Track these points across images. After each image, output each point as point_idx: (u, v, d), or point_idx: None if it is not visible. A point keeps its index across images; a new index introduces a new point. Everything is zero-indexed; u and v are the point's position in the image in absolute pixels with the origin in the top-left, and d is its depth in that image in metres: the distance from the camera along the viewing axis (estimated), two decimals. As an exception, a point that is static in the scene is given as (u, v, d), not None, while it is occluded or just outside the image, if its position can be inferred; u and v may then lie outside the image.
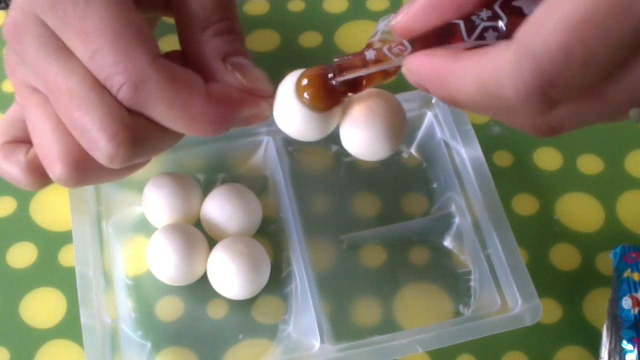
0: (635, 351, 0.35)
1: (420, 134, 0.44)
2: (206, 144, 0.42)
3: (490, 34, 0.25)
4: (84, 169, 0.29)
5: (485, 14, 0.25)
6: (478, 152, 0.40)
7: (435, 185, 0.43)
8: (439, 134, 0.42)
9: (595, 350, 0.38)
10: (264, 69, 0.49)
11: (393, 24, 0.27)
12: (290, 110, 0.30)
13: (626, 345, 0.36)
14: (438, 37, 0.26)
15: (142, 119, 0.28)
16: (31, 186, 0.32)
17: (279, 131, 0.41)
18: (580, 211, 0.43)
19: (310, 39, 0.50)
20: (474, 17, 0.25)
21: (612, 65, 0.22)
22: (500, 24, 0.25)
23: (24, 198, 0.42)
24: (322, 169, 0.44)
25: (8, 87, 0.47)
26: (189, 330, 0.38)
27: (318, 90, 0.29)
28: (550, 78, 0.22)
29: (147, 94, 0.27)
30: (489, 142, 0.45)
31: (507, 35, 0.24)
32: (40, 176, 0.31)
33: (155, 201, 0.39)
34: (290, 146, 0.43)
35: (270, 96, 0.31)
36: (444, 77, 0.25)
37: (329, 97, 0.29)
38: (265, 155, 0.42)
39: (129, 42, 0.27)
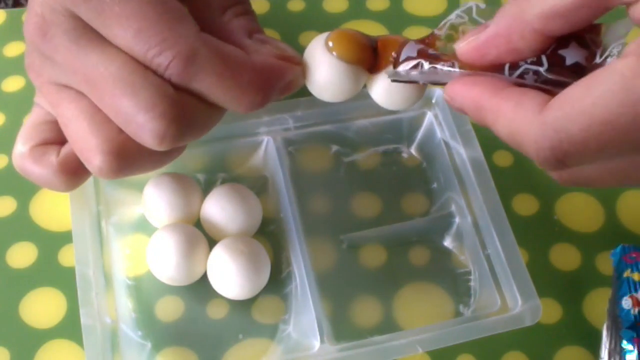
0: (635, 351, 0.35)
1: (420, 134, 0.44)
2: (206, 144, 0.42)
3: (530, 76, 0.27)
4: (125, 157, 0.29)
5: (530, 59, 0.27)
6: (478, 152, 0.40)
7: (435, 185, 0.43)
8: (439, 134, 0.42)
9: (595, 350, 0.38)
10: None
11: (455, 47, 0.28)
12: (322, 67, 0.31)
13: (626, 345, 0.36)
14: (486, 69, 0.28)
15: (189, 96, 0.28)
16: (64, 187, 0.32)
17: (279, 131, 0.42)
18: (580, 211, 0.43)
19: (310, 39, 0.50)
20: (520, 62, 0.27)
21: (622, 155, 0.25)
22: (541, 69, 0.27)
23: (24, 198, 0.42)
24: (322, 169, 0.44)
25: (8, 87, 0.47)
26: (189, 330, 0.38)
27: (347, 40, 0.31)
28: (566, 153, 0.24)
29: (198, 66, 0.28)
30: (489, 142, 0.45)
31: (545, 80, 0.26)
32: (73, 176, 0.31)
33: (155, 201, 0.39)
34: (290, 146, 0.43)
35: (300, 63, 0.32)
36: (482, 109, 0.27)
37: (357, 46, 0.31)
38: (265, 155, 0.42)
39: (173, 19, 0.28)
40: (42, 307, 0.39)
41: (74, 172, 0.31)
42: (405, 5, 0.52)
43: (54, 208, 0.42)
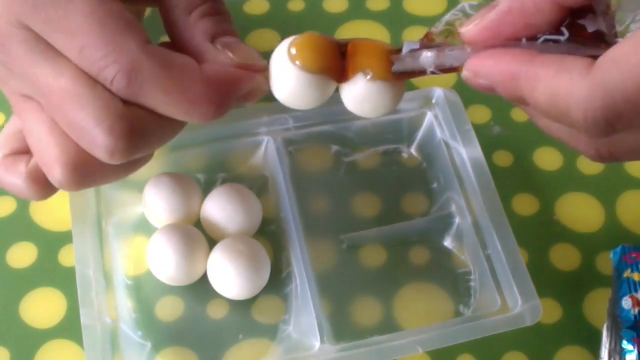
0: (635, 351, 0.35)
1: (420, 134, 0.44)
2: (206, 144, 0.42)
3: (550, 48, 0.26)
4: (83, 170, 0.29)
5: (548, 31, 0.26)
6: (478, 152, 0.40)
7: (435, 185, 0.43)
8: (439, 134, 0.42)
9: (595, 350, 0.38)
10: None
11: (462, 31, 0.27)
12: (285, 76, 0.29)
13: (626, 345, 0.36)
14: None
15: (140, 109, 0.28)
16: (35, 196, 0.31)
17: (279, 131, 0.42)
18: (580, 211, 0.43)
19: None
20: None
21: None
22: (562, 39, 0.26)
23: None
24: (322, 169, 0.44)
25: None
26: (189, 330, 0.38)
27: (311, 47, 0.29)
28: (619, 112, 0.23)
29: (142, 81, 0.27)
30: (489, 142, 0.45)
31: (564, 43, 0.26)
32: (43, 185, 0.31)
33: (155, 201, 0.39)
34: (290, 146, 0.43)
35: (265, 70, 0.30)
36: (515, 78, 0.26)
37: (322, 54, 0.29)
38: (265, 155, 0.42)
39: (116, 33, 0.27)
40: (42, 307, 0.39)
41: (43, 183, 0.30)
42: (405, 5, 0.52)
43: (54, 208, 0.42)
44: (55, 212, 0.42)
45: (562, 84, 0.24)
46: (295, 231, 0.38)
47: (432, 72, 0.29)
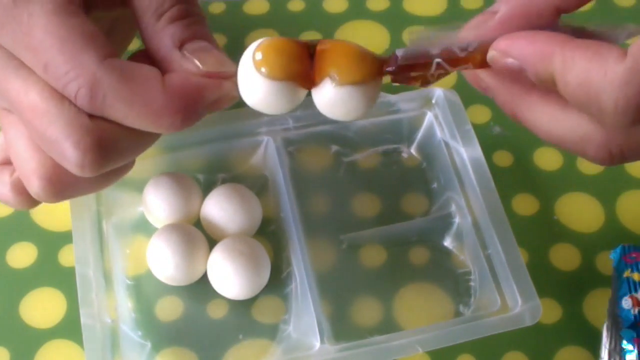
0: (635, 351, 0.35)
1: (420, 134, 0.44)
2: (206, 144, 0.42)
3: None
4: (60, 182, 0.29)
5: None
6: (478, 152, 0.40)
7: (435, 185, 0.43)
8: (439, 134, 0.42)
9: (595, 350, 0.38)
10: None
11: (462, 37, 0.28)
12: (251, 84, 0.28)
13: (626, 345, 0.36)
14: None
15: (107, 123, 0.28)
16: (20, 206, 0.32)
17: (279, 131, 0.42)
18: (580, 211, 0.43)
19: (310, 39, 0.50)
20: None
21: None
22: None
23: (24, 198, 0.42)
24: (322, 169, 0.44)
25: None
26: (189, 330, 0.38)
27: (275, 53, 0.28)
28: None
29: (103, 95, 0.27)
30: (489, 142, 0.45)
31: None
32: (27, 195, 0.31)
33: (155, 201, 0.39)
34: (290, 146, 0.43)
35: (233, 76, 0.29)
36: (550, 57, 0.25)
37: (288, 60, 0.28)
38: (265, 155, 0.42)
39: (76, 48, 0.27)
40: (42, 307, 0.39)
41: (27, 193, 0.30)
42: (405, 5, 0.52)
43: (54, 208, 0.42)
44: (55, 212, 0.42)
45: (596, 69, 0.24)
46: (295, 231, 0.38)
47: (438, 67, 0.28)
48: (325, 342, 0.35)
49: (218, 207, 0.39)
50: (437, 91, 0.42)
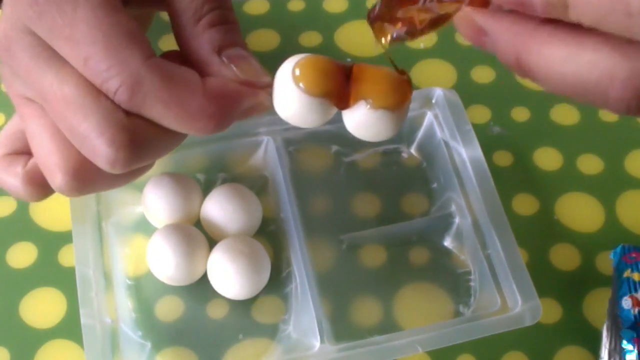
0: (635, 351, 0.35)
1: (420, 134, 0.44)
2: (206, 144, 0.42)
3: None
4: (84, 177, 0.29)
5: None
6: (478, 152, 0.40)
7: (435, 185, 0.43)
8: (439, 134, 0.42)
9: (595, 350, 0.38)
10: (264, 69, 0.49)
11: None
12: (287, 96, 0.29)
13: (626, 345, 0.36)
14: None
15: (142, 121, 0.28)
16: (31, 197, 0.31)
17: (279, 131, 0.42)
18: (580, 211, 0.43)
19: (310, 39, 0.50)
20: None
21: None
22: None
23: (24, 198, 0.42)
24: (322, 169, 0.44)
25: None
26: (189, 330, 0.38)
27: (315, 70, 0.29)
28: None
29: (143, 94, 0.27)
30: (489, 142, 0.45)
31: None
32: (39, 187, 0.31)
33: (155, 201, 0.39)
34: (291, 146, 0.43)
35: (269, 86, 0.30)
36: None
37: (325, 78, 0.29)
38: (265, 155, 0.42)
39: (120, 46, 0.27)
40: (42, 307, 0.39)
41: (40, 184, 0.30)
42: (405, 6, 0.52)
43: (54, 208, 0.42)
44: (55, 212, 0.42)
45: None
46: (295, 231, 0.38)
47: (426, 3, 0.26)
48: (325, 342, 0.35)
49: (218, 207, 0.39)
50: (437, 91, 0.42)
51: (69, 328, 0.38)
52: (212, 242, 0.39)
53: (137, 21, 0.28)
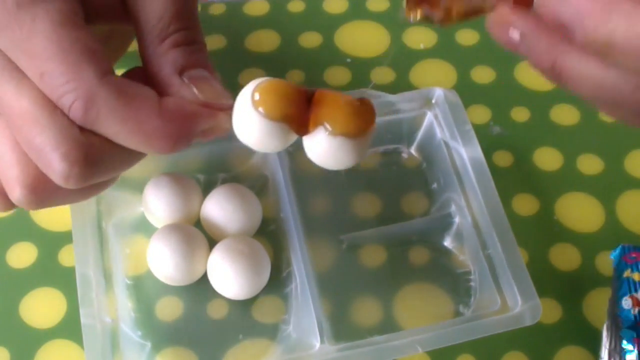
0: (635, 351, 0.35)
1: (420, 134, 0.44)
2: (206, 144, 0.42)
3: None
4: (42, 191, 0.29)
5: None
6: (478, 152, 0.40)
7: (435, 185, 0.43)
8: (439, 134, 0.42)
9: (595, 350, 0.38)
10: (264, 69, 0.49)
11: None
12: (247, 120, 0.29)
13: (626, 345, 0.36)
14: None
15: (97, 137, 0.28)
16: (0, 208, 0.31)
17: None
18: (580, 211, 0.43)
19: (310, 39, 0.51)
20: None
21: None
22: None
23: (24, 198, 0.42)
24: (322, 169, 0.43)
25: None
26: (189, 330, 0.38)
27: (275, 94, 0.28)
28: None
29: (97, 111, 0.27)
30: (489, 142, 0.45)
31: None
32: (5, 199, 0.30)
33: (155, 201, 0.39)
34: (291, 146, 0.42)
35: (229, 109, 0.30)
36: (611, 10, 0.22)
37: (285, 102, 0.28)
38: (265, 155, 0.42)
39: (77, 61, 0.27)
40: (42, 307, 0.39)
41: (6, 196, 0.30)
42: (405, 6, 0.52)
43: (54, 208, 0.41)
44: (55, 212, 0.42)
45: None
46: (295, 231, 0.38)
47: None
48: (325, 342, 0.35)
49: (218, 207, 0.39)
50: (437, 91, 0.42)
51: (69, 328, 0.38)
52: (212, 242, 0.39)
53: (96, 38, 0.28)
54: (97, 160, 0.28)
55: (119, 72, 0.30)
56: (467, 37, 0.51)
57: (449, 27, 0.27)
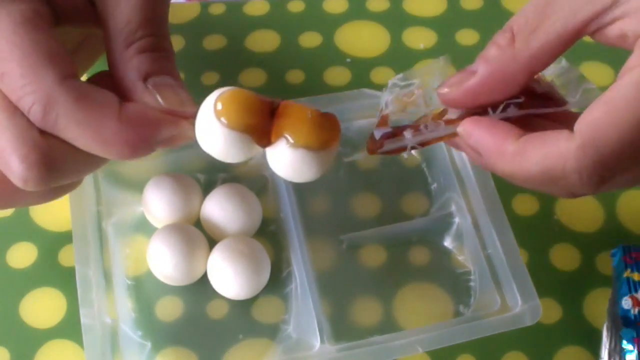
0: (635, 351, 0.35)
1: (420, 134, 0.44)
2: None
3: (512, 110, 0.29)
4: (3, 193, 0.29)
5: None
6: (478, 152, 0.40)
7: (435, 185, 0.43)
8: (439, 134, 0.42)
9: (595, 350, 0.38)
10: (264, 70, 0.49)
11: (441, 92, 0.30)
12: (209, 130, 0.29)
13: (626, 345, 0.36)
14: (473, 115, 0.30)
15: (58, 141, 0.28)
16: None
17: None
18: (580, 211, 0.43)
19: (310, 39, 0.51)
20: None
21: None
22: (519, 101, 0.29)
23: (24, 198, 0.42)
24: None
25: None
26: (189, 330, 0.38)
27: (237, 104, 0.28)
28: (608, 167, 0.26)
29: (55, 114, 0.27)
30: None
31: (522, 105, 0.29)
32: None
33: (155, 201, 0.39)
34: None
35: (192, 117, 0.30)
36: (504, 153, 0.28)
37: (248, 113, 0.28)
38: (265, 155, 0.42)
39: (37, 64, 0.27)
40: (42, 307, 0.39)
41: None
42: (405, 6, 0.52)
43: (54, 208, 0.42)
44: (55, 212, 0.42)
45: (552, 153, 0.26)
46: (295, 231, 0.38)
47: (412, 148, 0.31)
48: (325, 342, 0.35)
49: (218, 207, 0.39)
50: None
51: (69, 328, 0.38)
52: (212, 242, 0.39)
53: (59, 40, 0.28)
54: (56, 164, 0.28)
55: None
56: (467, 37, 0.51)
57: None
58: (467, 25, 0.51)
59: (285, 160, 0.29)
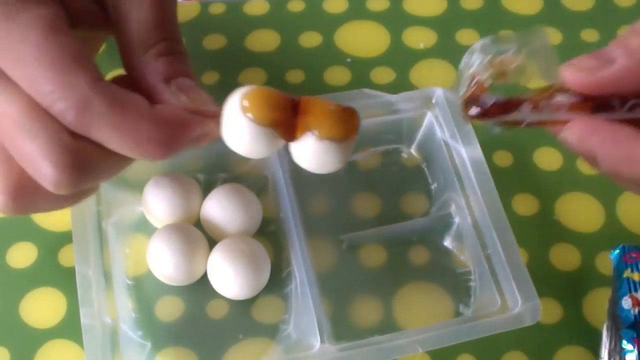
0: (635, 351, 0.35)
1: (420, 134, 0.44)
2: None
3: (638, 111, 0.27)
4: (23, 198, 0.29)
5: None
6: (478, 152, 0.40)
7: (435, 185, 0.43)
8: (439, 134, 0.42)
9: (595, 350, 0.38)
10: (264, 69, 0.49)
11: (568, 75, 0.28)
12: (236, 127, 0.29)
13: (626, 345, 0.36)
14: (597, 104, 0.28)
15: (89, 143, 0.28)
16: None
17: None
18: (580, 211, 0.43)
19: (310, 39, 0.51)
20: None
21: None
22: None
23: (24, 198, 0.42)
24: (322, 169, 0.44)
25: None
26: (189, 330, 0.38)
27: (262, 101, 0.29)
28: None
29: (90, 118, 0.27)
30: (489, 142, 0.45)
31: None
32: None
33: (155, 201, 0.39)
34: (291, 146, 0.43)
35: (217, 116, 0.30)
36: (638, 160, 0.26)
37: (273, 109, 0.29)
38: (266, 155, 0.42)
39: (67, 67, 0.27)
40: (42, 307, 0.39)
41: None
42: (405, 6, 0.52)
43: (54, 208, 0.42)
44: (55, 212, 0.42)
45: None
46: (295, 231, 0.38)
47: (528, 125, 0.30)
48: (325, 342, 0.35)
49: (218, 207, 0.39)
50: (437, 91, 0.42)
51: (69, 328, 0.38)
52: (212, 242, 0.39)
53: (84, 43, 0.28)
54: (87, 166, 0.28)
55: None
56: (467, 37, 0.51)
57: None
58: (467, 25, 0.51)
59: (312, 152, 0.30)
